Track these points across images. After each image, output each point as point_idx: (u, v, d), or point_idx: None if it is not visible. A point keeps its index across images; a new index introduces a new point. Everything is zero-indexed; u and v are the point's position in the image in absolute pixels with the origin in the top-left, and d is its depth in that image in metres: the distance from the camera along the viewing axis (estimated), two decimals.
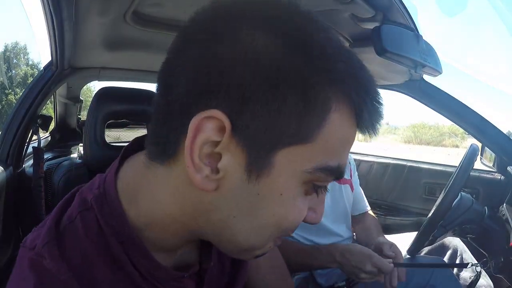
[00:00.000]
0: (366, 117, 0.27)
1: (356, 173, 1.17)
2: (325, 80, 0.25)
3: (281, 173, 0.26)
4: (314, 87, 0.25)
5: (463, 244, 1.03)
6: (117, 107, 0.84)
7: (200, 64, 0.26)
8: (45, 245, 0.29)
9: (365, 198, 1.20)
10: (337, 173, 0.29)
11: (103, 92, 0.83)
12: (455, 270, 0.98)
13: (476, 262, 0.98)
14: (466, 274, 0.97)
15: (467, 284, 0.94)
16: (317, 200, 0.31)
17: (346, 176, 1.10)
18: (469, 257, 0.99)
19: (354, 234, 1.11)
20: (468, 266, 0.85)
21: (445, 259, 0.99)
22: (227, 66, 0.25)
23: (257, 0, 0.28)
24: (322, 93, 0.25)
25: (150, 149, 0.30)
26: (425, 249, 1.07)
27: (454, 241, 1.03)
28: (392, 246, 0.86)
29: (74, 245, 0.29)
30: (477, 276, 0.83)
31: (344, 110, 0.26)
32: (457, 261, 1.00)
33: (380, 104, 0.28)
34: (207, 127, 0.25)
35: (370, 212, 1.19)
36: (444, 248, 1.04)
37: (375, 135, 0.29)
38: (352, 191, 1.11)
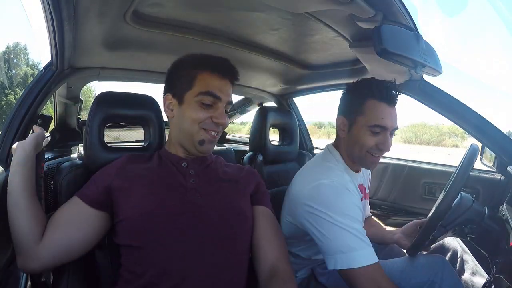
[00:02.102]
0: (216, 72, 0.75)
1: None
2: (193, 67, 0.76)
3: (188, 101, 0.75)
4: (190, 71, 0.76)
5: (464, 245, 1.03)
6: (115, 111, 0.87)
7: (166, 77, 0.82)
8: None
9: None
10: (209, 94, 0.74)
11: (102, 96, 0.85)
12: (457, 269, 0.98)
13: (476, 262, 0.98)
14: (466, 276, 0.97)
15: (469, 286, 0.94)
16: (218, 114, 0.75)
17: (367, 191, 1.09)
18: (469, 259, 0.99)
19: None
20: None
21: None
22: (169, 76, 0.81)
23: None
24: (192, 72, 0.76)
25: None
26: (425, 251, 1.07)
27: (454, 243, 1.03)
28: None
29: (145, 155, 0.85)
30: (489, 284, 0.83)
31: (204, 72, 0.75)
32: (458, 263, 0.99)
33: (220, 63, 0.77)
34: (167, 99, 0.79)
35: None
36: (444, 250, 1.03)
37: (224, 74, 0.76)
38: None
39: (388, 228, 1.14)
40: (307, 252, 0.96)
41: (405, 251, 0.94)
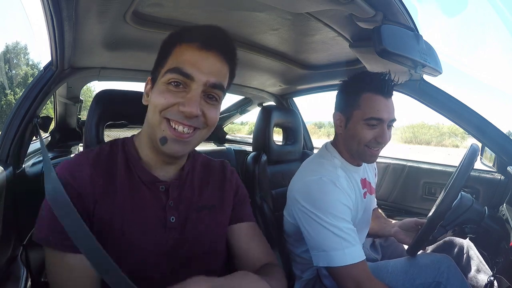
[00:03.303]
0: (193, 42, 0.58)
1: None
2: (170, 40, 0.60)
3: (157, 82, 0.59)
4: (167, 45, 0.60)
5: (470, 242, 1.03)
6: (115, 109, 0.86)
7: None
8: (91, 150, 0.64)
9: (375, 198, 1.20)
10: (175, 71, 0.56)
11: (102, 94, 0.85)
12: (463, 265, 0.98)
13: (481, 259, 0.98)
14: (472, 273, 0.97)
15: (474, 283, 0.94)
16: (187, 100, 0.56)
17: (373, 185, 1.10)
18: (475, 254, 0.99)
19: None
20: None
21: (452, 256, 0.99)
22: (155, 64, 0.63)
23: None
24: (169, 46, 0.60)
25: None
26: (431, 246, 1.07)
27: (460, 239, 1.03)
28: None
29: (103, 151, 0.64)
30: (491, 284, 0.83)
31: (182, 45, 0.58)
32: (464, 259, 1.00)
33: (202, 31, 0.59)
34: (147, 83, 0.64)
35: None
36: (450, 245, 1.04)
37: (205, 44, 0.57)
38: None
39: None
40: (310, 254, 0.96)
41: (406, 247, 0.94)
